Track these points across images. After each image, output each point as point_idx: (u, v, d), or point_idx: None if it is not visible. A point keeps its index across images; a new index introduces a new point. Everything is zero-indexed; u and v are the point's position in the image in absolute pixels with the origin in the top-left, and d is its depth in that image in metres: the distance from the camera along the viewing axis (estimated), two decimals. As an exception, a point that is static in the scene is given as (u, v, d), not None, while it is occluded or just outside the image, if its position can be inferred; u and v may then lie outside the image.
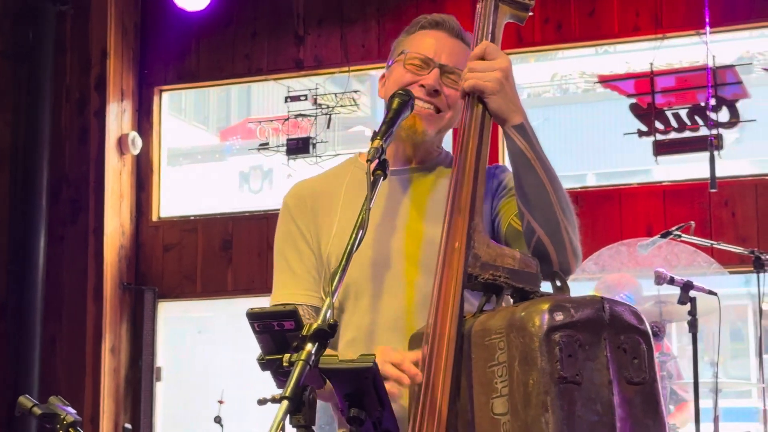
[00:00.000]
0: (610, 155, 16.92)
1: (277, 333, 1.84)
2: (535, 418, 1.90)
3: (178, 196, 8.10)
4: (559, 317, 1.94)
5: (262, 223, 7.56)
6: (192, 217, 7.91)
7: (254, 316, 1.84)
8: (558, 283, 2.12)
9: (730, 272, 6.25)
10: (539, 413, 1.89)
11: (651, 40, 6.95)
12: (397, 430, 1.85)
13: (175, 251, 7.71)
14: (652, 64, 6.76)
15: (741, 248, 5.84)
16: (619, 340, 1.97)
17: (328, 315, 1.84)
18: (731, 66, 6.65)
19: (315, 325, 1.79)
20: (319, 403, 1.86)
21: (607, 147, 16.88)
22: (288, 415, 1.72)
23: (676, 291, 4.97)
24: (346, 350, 2.34)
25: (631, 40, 7.19)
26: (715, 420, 5.13)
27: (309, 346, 1.77)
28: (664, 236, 5.58)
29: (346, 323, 2.38)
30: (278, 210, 2.56)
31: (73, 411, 2.92)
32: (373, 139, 2.20)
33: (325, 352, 1.80)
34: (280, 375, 1.84)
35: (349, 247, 2.02)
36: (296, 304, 2.33)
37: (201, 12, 7.52)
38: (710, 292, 4.97)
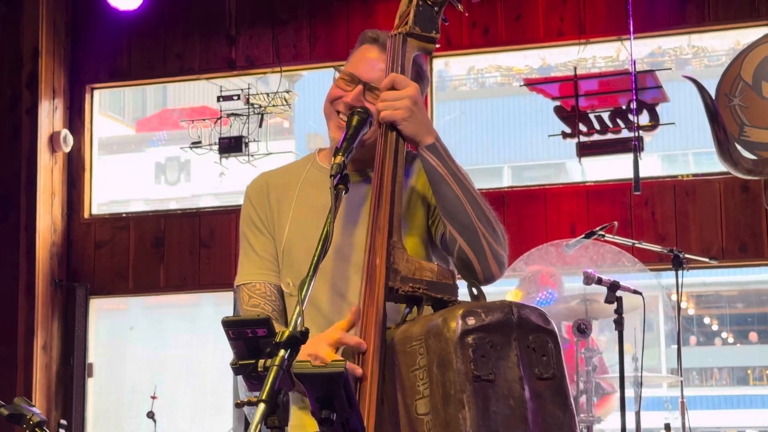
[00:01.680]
0: (527, 149, 17.23)
1: (250, 339, 1.96)
2: (453, 415, 2.07)
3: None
4: (471, 321, 2.11)
5: (195, 221, 7.64)
6: (124, 215, 7.97)
7: (229, 324, 1.97)
8: (474, 292, 2.32)
9: (651, 269, 6.49)
10: (457, 410, 2.07)
11: (575, 45, 7.18)
12: (364, 429, 1.98)
13: (107, 248, 7.76)
14: (575, 68, 6.98)
15: (660, 247, 6.09)
16: (527, 339, 2.15)
17: (299, 322, 1.99)
18: (651, 71, 6.89)
19: (287, 333, 1.93)
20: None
21: (523, 140, 17.19)
22: (264, 417, 1.86)
23: (601, 289, 5.18)
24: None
25: (556, 45, 7.42)
26: (637, 414, 5.35)
27: (282, 352, 1.91)
28: (588, 236, 5.80)
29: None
30: (207, 208, 2.77)
31: (38, 411, 3.02)
32: (335, 155, 2.34)
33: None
34: (252, 379, 1.97)
35: (315, 259, 2.16)
36: (258, 281, 2.57)
37: (133, 11, 7.55)
38: (635, 292, 5.20)
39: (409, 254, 2.32)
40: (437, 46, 2.56)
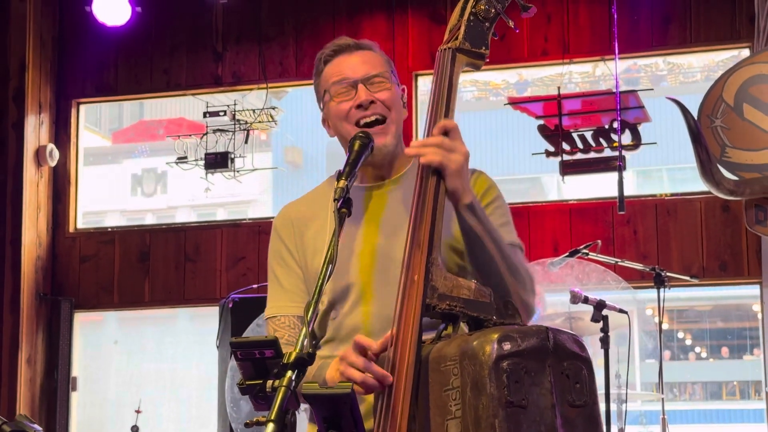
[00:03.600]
0: (505, 163, 17.32)
1: (257, 360, 2.02)
2: None
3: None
4: (507, 347, 2.11)
5: (180, 236, 7.68)
6: (109, 229, 8.00)
7: (237, 345, 2.02)
8: (509, 312, 2.35)
9: (634, 287, 6.57)
10: None
11: (559, 65, 7.28)
12: None
13: (91, 262, 7.78)
14: (559, 88, 7.07)
15: (642, 265, 6.17)
16: (562, 366, 2.15)
17: (305, 343, 2.04)
18: (634, 91, 6.99)
19: (294, 354, 1.99)
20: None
21: (501, 154, 17.27)
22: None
23: (586, 308, 5.25)
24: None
25: (540, 64, 7.51)
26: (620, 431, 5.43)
27: (290, 373, 1.97)
28: (572, 254, 5.88)
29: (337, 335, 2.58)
30: (192, 223, 2.79)
31: (40, 428, 3.08)
32: (338, 179, 2.39)
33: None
34: (259, 399, 2.03)
35: (320, 280, 2.21)
36: (284, 315, 2.59)
37: (120, 27, 7.56)
38: (621, 311, 5.28)
39: (446, 272, 2.33)
40: (486, 61, 2.53)
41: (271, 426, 1.89)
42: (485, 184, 2.66)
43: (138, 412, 6.82)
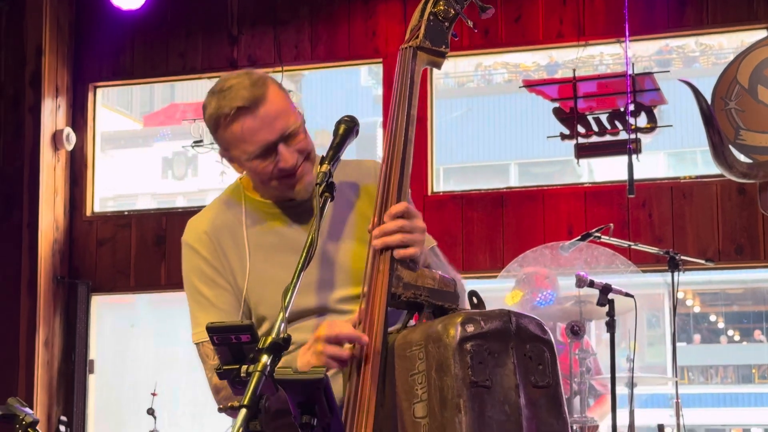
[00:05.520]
0: (533, 146, 17.24)
1: (234, 345, 2.01)
2: (449, 419, 2.11)
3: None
4: (470, 329, 2.16)
5: (196, 219, 7.69)
6: (126, 213, 8.03)
7: (213, 330, 2.02)
8: (475, 301, 2.36)
9: (644, 271, 6.52)
10: (453, 414, 2.11)
11: (574, 47, 7.22)
12: None
13: (108, 246, 7.82)
14: (574, 70, 7.02)
15: (657, 249, 6.12)
16: (525, 348, 2.20)
17: (282, 328, 2.04)
18: (650, 73, 6.93)
19: (270, 339, 1.99)
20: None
21: (529, 137, 17.20)
22: (246, 422, 1.91)
23: (595, 291, 5.22)
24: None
25: (555, 47, 7.45)
26: (631, 413, 5.39)
27: (265, 358, 1.96)
28: (584, 238, 5.84)
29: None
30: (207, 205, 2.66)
31: (31, 411, 3.09)
32: (321, 163, 2.39)
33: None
34: (237, 383, 2.02)
35: (300, 266, 2.20)
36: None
37: (136, 10, 7.60)
38: (627, 295, 5.24)
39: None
40: (446, 60, 2.58)
41: (243, 411, 1.89)
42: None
43: (154, 395, 6.86)
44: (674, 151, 16.63)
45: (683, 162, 17.34)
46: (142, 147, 17.89)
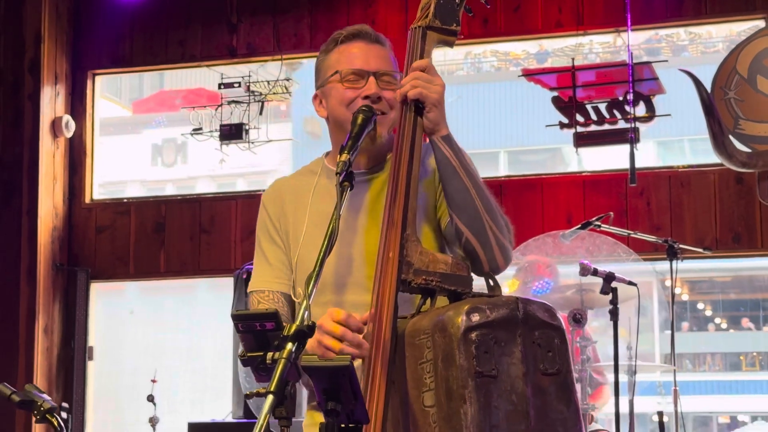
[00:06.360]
0: (523, 134, 17.28)
1: (258, 332, 2.05)
2: (455, 410, 2.13)
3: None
4: (476, 318, 2.16)
5: (195, 207, 7.72)
6: (125, 200, 8.05)
7: (238, 318, 2.06)
8: (491, 283, 2.38)
9: (645, 259, 6.57)
10: (459, 405, 2.13)
11: (573, 36, 7.26)
12: (368, 420, 2.05)
13: (107, 233, 7.84)
14: (573, 59, 7.05)
15: (655, 237, 6.17)
16: (533, 335, 2.20)
17: (306, 316, 2.07)
18: (648, 63, 6.97)
19: (295, 327, 2.02)
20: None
21: (519, 126, 17.23)
22: (273, 408, 1.95)
23: (597, 279, 5.26)
24: None
25: (554, 36, 7.49)
26: (631, 403, 5.44)
27: (290, 346, 1.99)
28: (584, 226, 5.89)
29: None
30: (208, 194, 2.82)
31: (49, 398, 3.12)
32: (340, 153, 2.41)
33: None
34: (260, 370, 2.07)
35: (321, 254, 2.24)
36: (268, 290, 2.65)
37: (135, -2, 7.63)
38: (630, 283, 5.29)
39: (423, 247, 2.37)
40: (459, 38, 2.57)
41: (270, 397, 1.92)
42: None
43: (154, 381, 6.88)
44: (663, 140, 16.69)
45: (671, 151, 17.41)
46: (132, 134, 17.85)
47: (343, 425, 2.00)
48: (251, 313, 2.08)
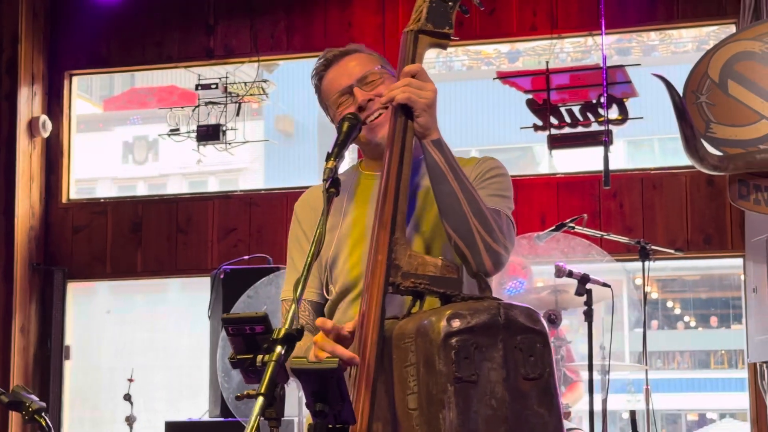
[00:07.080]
0: (495, 133, 17.36)
1: (248, 336, 2.09)
2: (434, 415, 2.16)
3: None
4: (456, 324, 2.18)
5: (172, 207, 7.76)
6: (102, 200, 8.07)
7: (228, 321, 2.10)
8: (482, 285, 2.43)
9: (617, 260, 6.66)
10: (438, 410, 2.15)
11: (547, 39, 7.34)
12: (354, 421, 2.10)
13: (84, 233, 7.85)
14: (547, 62, 7.13)
15: (628, 239, 6.27)
16: (515, 340, 2.21)
17: (294, 320, 2.12)
18: (622, 66, 7.05)
19: (284, 330, 2.07)
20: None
21: (491, 124, 17.32)
22: (263, 410, 2.00)
23: (571, 281, 5.33)
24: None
25: (529, 39, 7.57)
26: (604, 402, 5.52)
27: (279, 348, 2.04)
28: (558, 228, 5.97)
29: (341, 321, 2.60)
30: (185, 194, 2.82)
31: (37, 398, 3.16)
32: (327, 159, 2.43)
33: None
34: (249, 372, 2.11)
35: (309, 259, 2.26)
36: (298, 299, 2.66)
37: (113, -1, 7.65)
38: (605, 285, 5.37)
39: (413, 250, 2.38)
40: (453, 40, 2.56)
41: (261, 399, 1.97)
42: (493, 164, 2.71)
43: (131, 380, 6.90)
44: (633, 139, 16.83)
45: (641, 150, 17.55)
46: (103, 131, 17.79)
47: (330, 426, 2.06)
48: (241, 316, 2.11)
